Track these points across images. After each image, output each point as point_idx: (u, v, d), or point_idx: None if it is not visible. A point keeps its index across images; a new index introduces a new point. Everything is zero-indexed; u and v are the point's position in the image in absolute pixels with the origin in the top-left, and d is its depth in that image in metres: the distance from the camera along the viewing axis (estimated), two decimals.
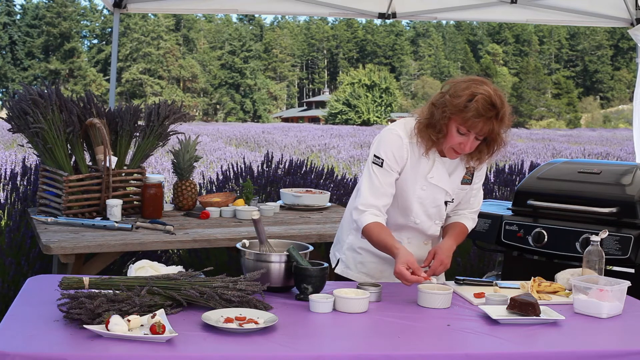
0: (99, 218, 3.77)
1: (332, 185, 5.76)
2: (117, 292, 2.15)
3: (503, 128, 2.63)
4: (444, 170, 2.80)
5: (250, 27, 79.07)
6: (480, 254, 4.80)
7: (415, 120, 2.74)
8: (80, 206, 3.83)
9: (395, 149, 2.74)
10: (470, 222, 2.94)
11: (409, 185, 2.78)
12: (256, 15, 73.77)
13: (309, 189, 4.74)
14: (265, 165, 5.86)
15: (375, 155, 2.76)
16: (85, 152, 4.00)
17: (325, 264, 2.51)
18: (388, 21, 6.93)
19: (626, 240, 3.21)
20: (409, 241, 2.89)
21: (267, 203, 4.42)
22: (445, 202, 2.85)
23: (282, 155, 6.85)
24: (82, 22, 70.07)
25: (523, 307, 2.33)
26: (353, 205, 2.84)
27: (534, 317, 2.31)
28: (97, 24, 70.55)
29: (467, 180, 2.86)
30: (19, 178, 4.77)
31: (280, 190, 4.60)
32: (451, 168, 2.82)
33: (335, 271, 3.02)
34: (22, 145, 4.23)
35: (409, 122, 2.77)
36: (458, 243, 2.85)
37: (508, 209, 3.73)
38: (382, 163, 2.74)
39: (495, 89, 2.62)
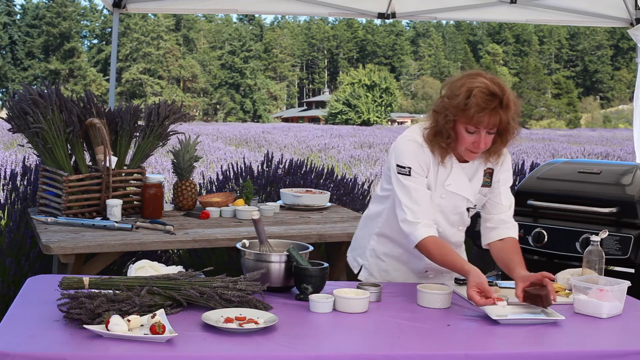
0: (99, 218, 3.77)
1: (332, 185, 5.76)
2: (117, 292, 2.15)
3: (511, 114, 2.53)
4: (463, 176, 2.71)
5: (250, 27, 79.07)
6: (480, 254, 4.79)
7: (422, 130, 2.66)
8: (80, 206, 3.83)
9: (419, 156, 2.64)
10: (514, 231, 2.78)
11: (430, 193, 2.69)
12: (256, 15, 73.77)
13: (309, 189, 4.74)
14: (265, 165, 5.86)
15: (399, 166, 2.66)
16: (85, 152, 3.99)
17: (326, 264, 2.51)
18: (388, 21, 6.93)
19: (626, 240, 3.21)
20: None
21: (267, 203, 4.42)
22: (468, 209, 2.78)
23: (282, 155, 6.85)
24: (82, 22, 70.09)
25: (533, 299, 2.33)
26: (399, 218, 2.67)
27: (534, 317, 2.31)
28: (97, 24, 70.56)
29: (487, 182, 2.77)
30: (19, 178, 4.77)
31: (280, 190, 4.60)
32: (471, 173, 2.73)
33: (359, 278, 2.95)
34: (22, 145, 4.23)
35: (423, 131, 2.68)
36: (525, 268, 2.66)
37: None
38: (409, 172, 2.64)
39: (492, 77, 2.53)
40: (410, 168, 2.64)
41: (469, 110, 2.48)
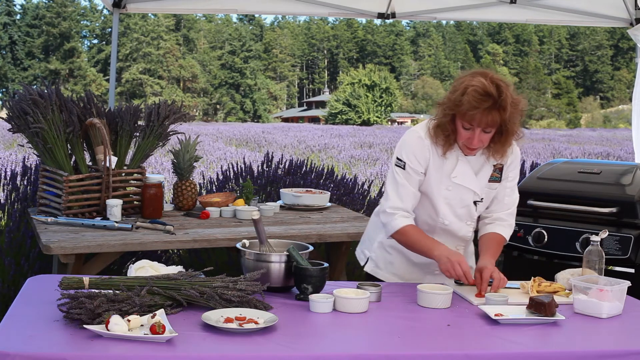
0: (99, 218, 3.77)
1: (332, 185, 5.75)
2: (117, 292, 2.15)
3: (509, 116, 2.56)
4: (469, 169, 2.75)
5: (250, 27, 79.08)
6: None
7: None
8: (80, 206, 3.83)
9: (417, 150, 2.72)
10: (507, 230, 2.85)
11: (434, 186, 2.75)
12: (256, 15, 73.77)
13: (309, 189, 4.74)
14: (265, 165, 5.86)
15: (397, 158, 2.75)
16: (85, 152, 4.00)
17: (326, 264, 2.51)
18: (388, 21, 6.93)
19: (626, 240, 3.21)
20: None
21: (267, 203, 4.42)
22: (475, 202, 2.80)
23: (282, 155, 6.85)
24: (82, 22, 70.11)
25: (537, 306, 2.33)
26: (381, 208, 2.82)
27: (534, 318, 2.32)
28: (97, 24, 70.58)
29: (496, 178, 2.80)
30: (19, 178, 4.77)
31: (280, 190, 4.60)
32: (477, 166, 2.77)
33: (365, 269, 3.01)
34: (22, 145, 4.23)
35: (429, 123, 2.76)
36: (496, 258, 2.78)
37: None
38: (404, 165, 2.72)
39: (494, 78, 2.56)
40: (405, 163, 2.72)
41: (462, 107, 2.55)
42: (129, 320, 2.00)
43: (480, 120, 2.55)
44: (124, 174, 4.03)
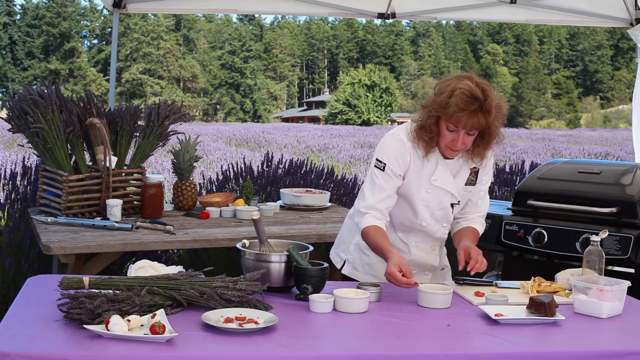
0: (99, 218, 3.77)
1: (332, 185, 5.76)
2: (117, 292, 2.15)
3: (492, 120, 2.62)
4: (448, 172, 2.80)
5: (250, 27, 79.06)
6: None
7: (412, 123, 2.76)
8: (80, 206, 3.83)
9: (398, 153, 2.75)
10: (480, 227, 2.93)
11: (414, 188, 2.78)
12: (256, 15, 73.76)
13: (309, 189, 4.74)
14: (265, 165, 5.86)
15: (377, 160, 2.78)
16: (85, 152, 4.00)
17: (326, 264, 2.51)
18: (388, 21, 6.94)
19: (626, 240, 3.21)
20: (416, 245, 2.90)
21: (267, 203, 4.42)
22: (452, 205, 2.85)
23: (282, 155, 6.85)
24: (82, 22, 70.09)
25: (537, 306, 2.33)
26: (355, 208, 2.84)
27: (534, 318, 2.32)
28: (97, 24, 70.56)
29: (472, 181, 2.86)
30: (19, 178, 4.77)
31: (280, 190, 4.60)
32: (455, 169, 2.82)
33: (342, 272, 3.02)
34: (22, 145, 4.23)
35: (411, 125, 2.78)
36: (474, 244, 2.83)
37: (508, 209, 3.73)
38: (384, 167, 2.75)
39: (479, 82, 2.62)
40: (385, 164, 2.74)
41: (449, 109, 2.58)
42: (129, 320, 2.00)
43: (466, 123, 2.60)
44: (124, 174, 4.03)
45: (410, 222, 2.86)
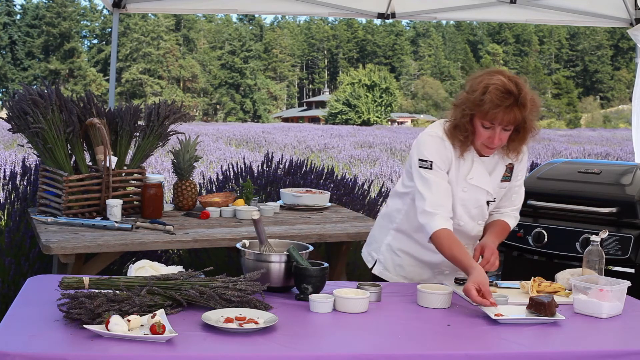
0: (99, 218, 3.77)
1: (332, 185, 5.75)
2: (117, 292, 2.15)
3: (528, 113, 2.58)
4: (484, 170, 2.76)
5: (250, 27, 79.06)
6: None
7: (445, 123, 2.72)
8: (80, 206, 3.83)
9: (441, 150, 2.69)
10: (512, 220, 2.89)
11: (452, 187, 2.73)
12: (256, 15, 73.76)
13: (309, 189, 4.74)
14: (265, 165, 5.86)
15: (421, 160, 2.70)
16: (85, 152, 4.00)
17: (326, 264, 2.51)
18: (388, 21, 6.94)
19: (626, 240, 3.21)
20: None
21: (267, 203, 4.42)
22: (487, 202, 2.81)
23: (282, 155, 6.85)
24: (82, 22, 70.10)
25: (537, 306, 2.33)
26: (418, 210, 2.70)
27: (534, 318, 2.32)
28: (97, 24, 70.56)
29: (507, 177, 2.82)
30: (19, 178, 4.77)
31: (280, 190, 4.60)
32: (491, 167, 2.78)
33: (373, 272, 2.99)
34: (22, 145, 4.23)
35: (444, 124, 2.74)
36: (500, 241, 2.81)
37: None
38: (431, 165, 2.68)
39: (511, 76, 2.59)
40: (432, 162, 2.68)
41: (484, 106, 2.54)
42: (129, 320, 2.00)
43: (502, 119, 2.56)
44: (124, 174, 4.03)
45: None
